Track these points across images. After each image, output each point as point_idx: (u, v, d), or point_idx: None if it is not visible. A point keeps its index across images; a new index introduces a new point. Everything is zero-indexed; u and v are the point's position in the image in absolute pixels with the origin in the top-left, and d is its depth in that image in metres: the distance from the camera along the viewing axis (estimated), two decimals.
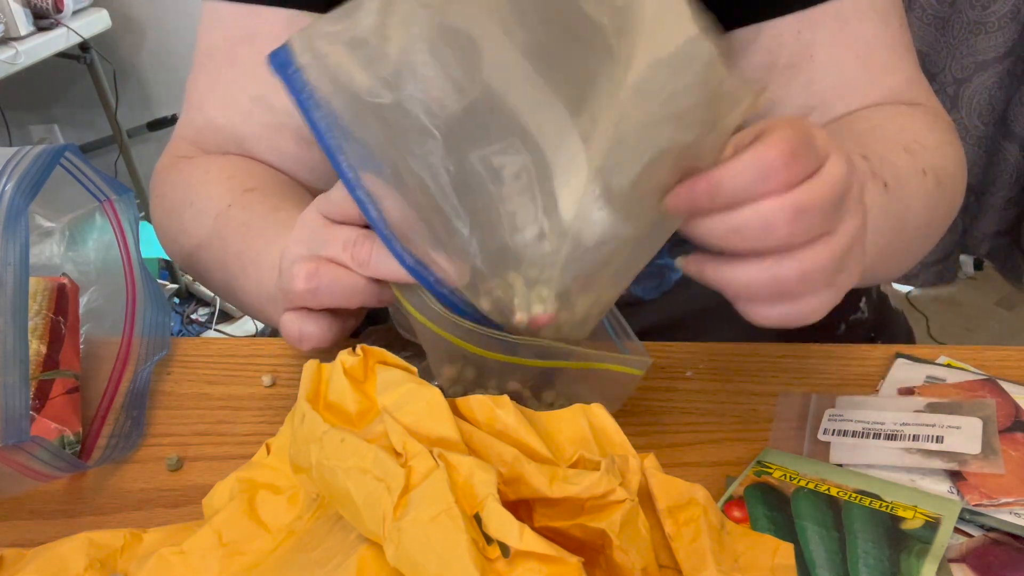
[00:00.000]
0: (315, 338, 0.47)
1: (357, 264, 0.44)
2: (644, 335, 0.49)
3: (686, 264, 0.42)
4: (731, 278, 0.40)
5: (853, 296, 0.74)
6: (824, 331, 0.73)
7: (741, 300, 0.42)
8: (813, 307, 0.41)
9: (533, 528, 0.31)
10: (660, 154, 0.37)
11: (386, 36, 0.39)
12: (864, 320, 0.75)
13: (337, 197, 0.45)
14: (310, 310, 0.47)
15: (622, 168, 0.38)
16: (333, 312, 0.47)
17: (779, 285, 0.39)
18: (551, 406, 0.46)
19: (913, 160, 0.55)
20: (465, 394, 0.39)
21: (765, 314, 0.41)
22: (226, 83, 0.68)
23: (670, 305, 0.68)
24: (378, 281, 0.46)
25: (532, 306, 0.42)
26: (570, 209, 0.39)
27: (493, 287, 0.42)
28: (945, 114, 0.63)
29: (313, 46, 0.40)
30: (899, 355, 0.56)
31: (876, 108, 0.61)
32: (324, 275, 0.45)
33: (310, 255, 0.45)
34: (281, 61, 0.41)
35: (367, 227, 0.44)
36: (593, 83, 0.38)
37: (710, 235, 0.39)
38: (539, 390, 0.47)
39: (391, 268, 0.43)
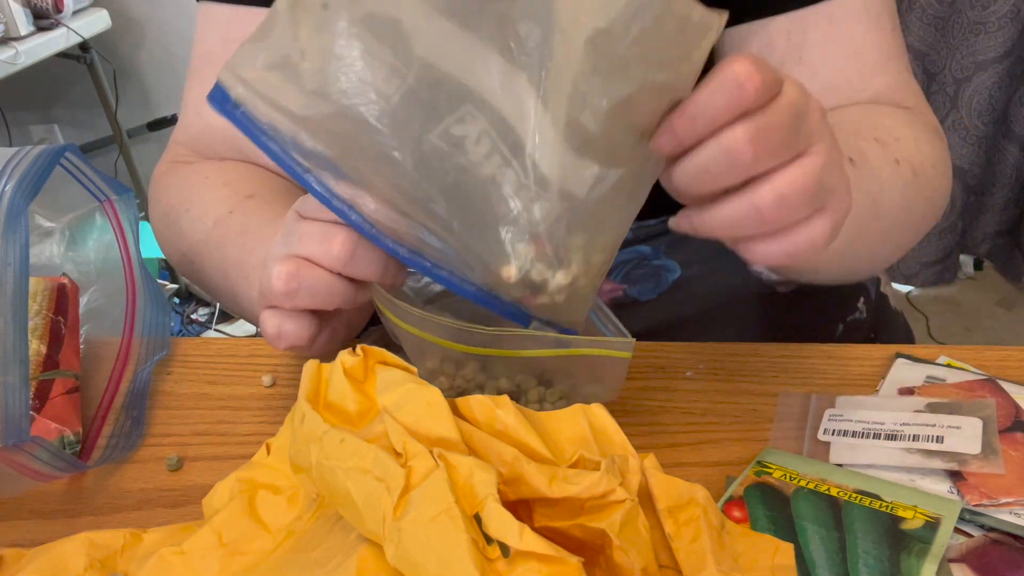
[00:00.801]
0: (292, 336, 0.46)
1: (335, 260, 0.44)
2: (642, 336, 0.49)
3: (677, 222, 0.42)
4: (717, 221, 0.40)
5: (851, 296, 0.74)
6: (822, 332, 0.73)
7: (737, 243, 0.41)
8: (810, 236, 0.40)
9: (533, 528, 0.31)
10: (632, 96, 0.37)
11: (302, 49, 0.38)
12: (862, 321, 0.75)
13: (315, 202, 0.44)
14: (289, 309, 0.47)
15: (594, 113, 0.37)
16: (312, 312, 0.47)
17: (760, 214, 0.39)
18: (542, 402, 0.46)
19: (885, 149, 0.55)
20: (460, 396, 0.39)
21: (764, 252, 0.41)
22: None
23: (667, 306, 0.68)
24: (355, 282, 0.45)
25: (532, 269, 0.41)
26: (548, 161, 0.38)
27: (487, 258, 0.41)
28: (933, 119, 0.63)
29: (241, 77, 0.40)
30: (899, 355, 0.56)
31: (855, 106, 0.60)
32: (305, 277, 0.44)
33: (289, 254, 0.45)
34: (218, 99, 0.40)
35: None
36: (525, 27, 0.37)
37: (685, 181, 0.39)
38: (535, 388, 0.47)
39: (372, 266, 0.44)
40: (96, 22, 2.21)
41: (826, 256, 0.50)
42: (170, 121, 2.46)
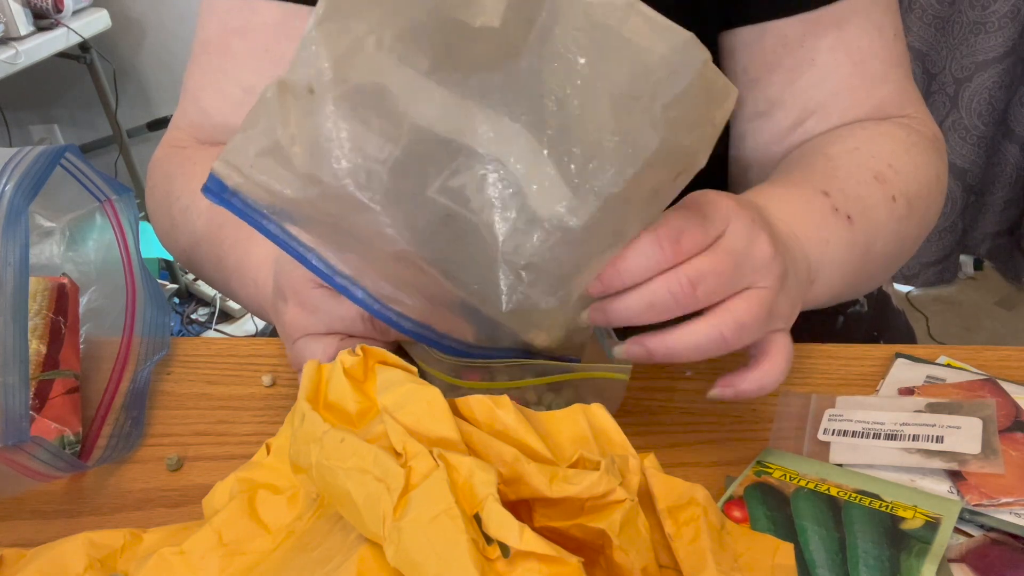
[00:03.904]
0: None
1: (382, 334, 0.46)
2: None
3: (627, 350, 0.44)
4: (680, 346, 0.42)
5: None
6: (823, 324, 0.73)
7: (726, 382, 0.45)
8: (782, 358, 0.45)
9: (533, 528, 0.31)
10: (655, 156, 0.38)
11: (292, 135, 0.39)
12: (863, 314, 0.76)
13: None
14: None
15: (618, 172, 0.38)
16: None
17: (725, 340, 0.42)
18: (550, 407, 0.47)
19: (883, 188, 0.56)
20: None
21: (750, 387, 0.45)
22: (220, 74, 0.69)
23: None
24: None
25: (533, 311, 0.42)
26: (548, 205, 0.39)
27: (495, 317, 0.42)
28: (932, 127, 0.64)
29: (235, 165, 0.40)
30: (899, 355, 0.56)
31: (859, 126, 0.62)
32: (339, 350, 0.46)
33: (323, 333, 0.46)
34: (214, 190, 0.41)
35: None
36: (513, 77, 0.37)
37: (629, 314, 0.42)
38: (544, 398, 0.47)
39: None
40: (96, 22, 2.21)
41: (820, 299, 0.54)
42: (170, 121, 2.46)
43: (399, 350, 0.47)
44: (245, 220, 0.41)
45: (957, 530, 0.42)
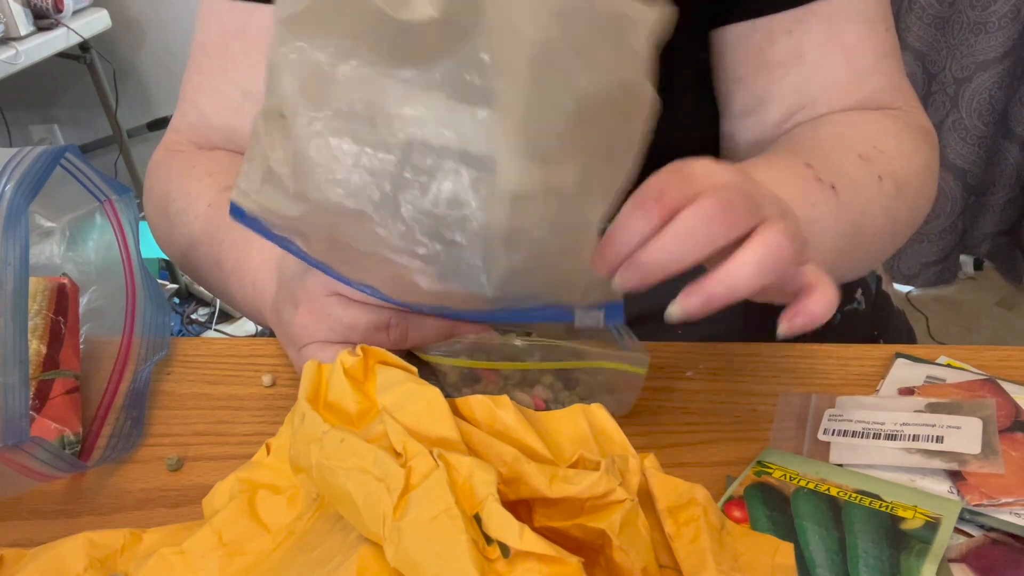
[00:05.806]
0: None
1: (395, 344, 0.46)
2: (636, 322, 0.49)
3: (684, 303, 0.41)
4: (742, 275, 0.39)
5: (848, 287, 0.75)
6: None
7: (759, 295, 0.42)
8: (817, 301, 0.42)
9: (533, 528, 0.31)
10: (583, 103, 0.37)
11: (278, 158, 0.40)
12: (861, 312, 0.76)
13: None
14: None
15: (558, 127, 0.37)
16: None
17: (781, 251, 0.39)
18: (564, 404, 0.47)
19: (869, 166, 0.56)
20: None
21: (817, 307, 0.42)
22: (218, 77, 0.69)
23: (663, 292, 0.68)
24: None
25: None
26: (516, 179, 0.38)
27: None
28: (922, 118, 0.64)
29: (247, 195, 0.43)
30: (899, 355, 0.56)
31: (844, 114, 0.62)
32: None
33: (338, 343, 0.46)
34: (238, 214, 0.44)
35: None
36: (476, 67, 0.37)
37: (666, 252, 0.40)
38: (559, 396, 0.47)
39: (425, 335, 0.46)
40: (96, 22, 2.21)
41: None
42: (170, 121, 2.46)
43: (408, 355, 0.47)
44: (271, 240, 0.44)
45: (957, 530, 0.42)
